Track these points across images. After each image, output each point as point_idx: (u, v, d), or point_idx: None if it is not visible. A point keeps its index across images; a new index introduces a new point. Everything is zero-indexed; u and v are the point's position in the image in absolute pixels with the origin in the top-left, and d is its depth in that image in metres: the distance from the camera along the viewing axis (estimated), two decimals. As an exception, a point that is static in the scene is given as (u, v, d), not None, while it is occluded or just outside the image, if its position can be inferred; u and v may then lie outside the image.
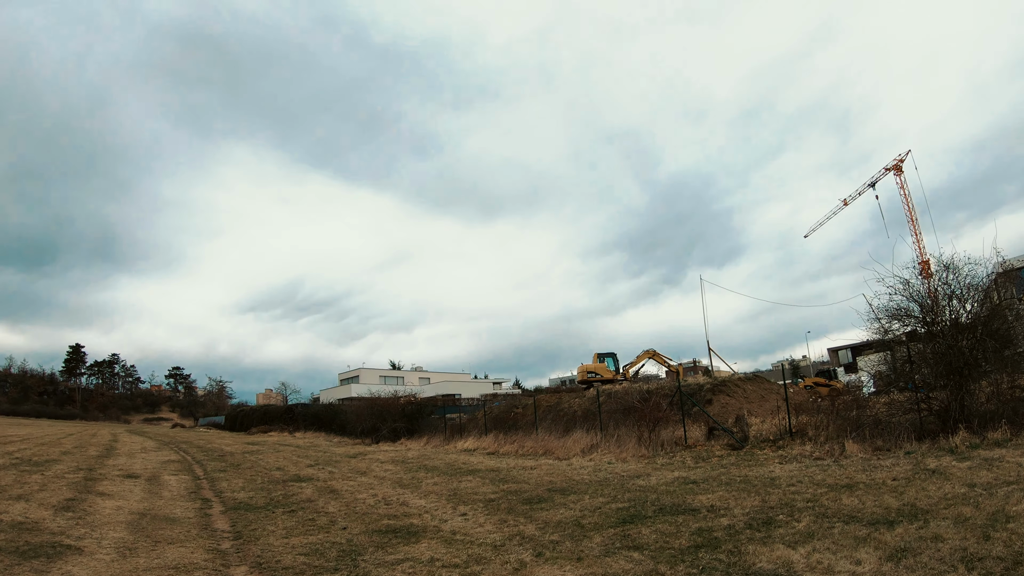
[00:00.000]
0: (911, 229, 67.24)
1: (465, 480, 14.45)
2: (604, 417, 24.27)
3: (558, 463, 17.77)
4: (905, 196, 66.94)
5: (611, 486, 12.62)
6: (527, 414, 31.38)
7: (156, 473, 16.90)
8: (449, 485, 13.72)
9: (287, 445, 30.56)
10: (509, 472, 15.77)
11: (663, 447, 19.03)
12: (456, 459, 20.04)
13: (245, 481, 15.33)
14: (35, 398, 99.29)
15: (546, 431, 23.20)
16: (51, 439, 30.90)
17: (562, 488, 12.66)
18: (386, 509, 10.94)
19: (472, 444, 24.27)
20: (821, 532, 7.25)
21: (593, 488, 12.44)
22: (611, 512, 9.85)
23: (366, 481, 14.87)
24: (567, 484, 13.17)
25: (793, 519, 8.15)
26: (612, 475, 14.28)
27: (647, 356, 38.21)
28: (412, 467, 17.79)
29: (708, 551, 6.92)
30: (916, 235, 66.89)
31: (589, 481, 13.56)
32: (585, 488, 12.50)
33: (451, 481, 14.37)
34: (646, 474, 14.15)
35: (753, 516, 8.55)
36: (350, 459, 21.37)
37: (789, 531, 7.50)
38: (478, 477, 14.90)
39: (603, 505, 10.52)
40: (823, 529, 7.39)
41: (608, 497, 11.26)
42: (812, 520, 7.93)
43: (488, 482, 13.98)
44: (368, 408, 31.42)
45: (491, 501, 11.48)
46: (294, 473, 16.91)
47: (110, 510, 10.77)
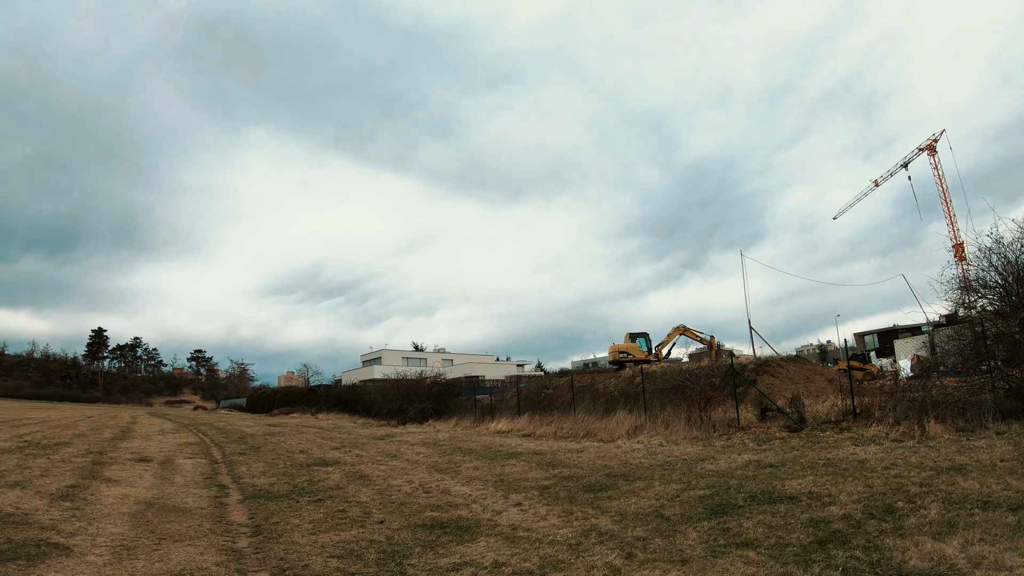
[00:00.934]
0: (945, 210, 64.60)
1: (509, 464, 12.99)
2: (646, 398, 22.75)
3: (604, 445, 16.31)
4: (939, 177, 64.25)
5: (677, 470, 11.15)
6: (560, 395, 29.98)
7: (171, 456, 15.63)
8: (492, 470, 12.26)
9: (310, 427, 29.37)
10: (555, 455, 14.29)
11: (715, 428, 17.63)
12: (491, 441, 18.62)
13: (266, 465, 14.00)
14: (58, 382, 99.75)
15: (584, 412, 21.74)
16: (68, 421, 29.98)
17: (622, 473, 11.17)
18: (426, 498, 9.49)
19: (505, 426, 22.87)
20: (963, 521, 6.19)
21: (658, 473, 10.95)
22: (693, 501, 8.40)
23: (398, 465, 13.46)
24: (626, 469, 11.67)
25: (918, 506, 6.97)
26: (672, 458, 12.77)
27: (678, 333, 36.53)
28: (446, 450, 16.37)
29: (837, 547, 5.78)
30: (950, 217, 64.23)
31: (649, 465, 12.06)
32: (648, 473, 11.00)
33: (493, 465, 12.92)
34: (710, 457, 12.65)
35: (867, 504, 7.35)
36: (378, 441, 20.02)
37: (922, 520, 6.40)
38: (522, 461, 13.43)
39: (680, 493, 9.04)
40: (962, 517, 6.33)
41: (681, 483, 9.79)
42: (942, 507, 6.84)
43: (535, 466, 12.51)
44: (394, 389, 30.10)
45: (546, 488, 10.01)
46: (319, 456, 15.56)
47: (113, 499, 9.43)
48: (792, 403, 19.36)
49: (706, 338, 36.60)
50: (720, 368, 22.33)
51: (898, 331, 60.01)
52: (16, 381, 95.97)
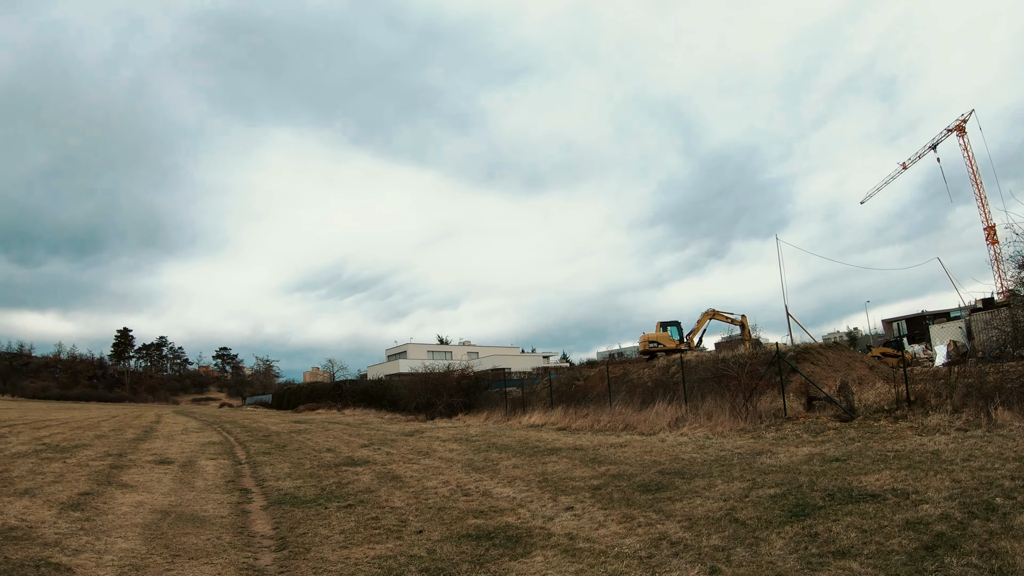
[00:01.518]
0: (975, 192, 62.36)
1: (550, 461, 12.08)
2: (686, 388, 21.71)
3: (647, 439, 15.37)
4: (968, 158, 62.00)
5: (736, 466, 10.21)
6: (592, 386, 29.04)
7: (192, 458, 14.94)
8: (533, 468, 11.35)
9: (336, 423, 28.71)
10: (597, 451, 13.36)
11: (761, 419, 16.73)
12: (526, 436, 17.73)
13: (291, 466, 13.23)
14: (85, 382, 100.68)
15: (621, 404, 20.77)
16: (91, 422, 29.62)
17: (676, 470, 10.22)
18: (467, 502, 8.61)
19: (539, 419, 21.97)
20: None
21: (716, 470, 10.00)
22: (766, 501, 7.49)
23: (432, 464, 12.61)
24: (679, 465, 10.72)
25: (1020, 503, 6.25)
26: (726, 452, 11.80)
27: (708, 318, 35.26)
28: (480, 446, 15.51)
29: (948, 553, 5.05)
30: (981, 199, 62.04)
31: (703, 461, 11.11)
32: (705, 470, 10.06)
33: (534, 463, 12.02)
34: (766, 451, 11.68)
35: (962, 501, 6.57)
36: (407, 438, 19.23)
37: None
38: (563, 457, 12.52)
39: (748, 492, 8.11)
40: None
41: (746, 481, 8.85)
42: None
43: (579, 464, 11.58)
44: (422, 383, 29.26)
45: (597, 489, 9.09)
46: (347, 455, 14.78)
47: (127, 508, 8.68)
48: (840, 391, 18.44)
49: (737, 318, 35.27)
50: (762, 355, 21.24)
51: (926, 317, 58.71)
52: (44, 383, 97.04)
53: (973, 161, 61.75)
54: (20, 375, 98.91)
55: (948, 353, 38.90)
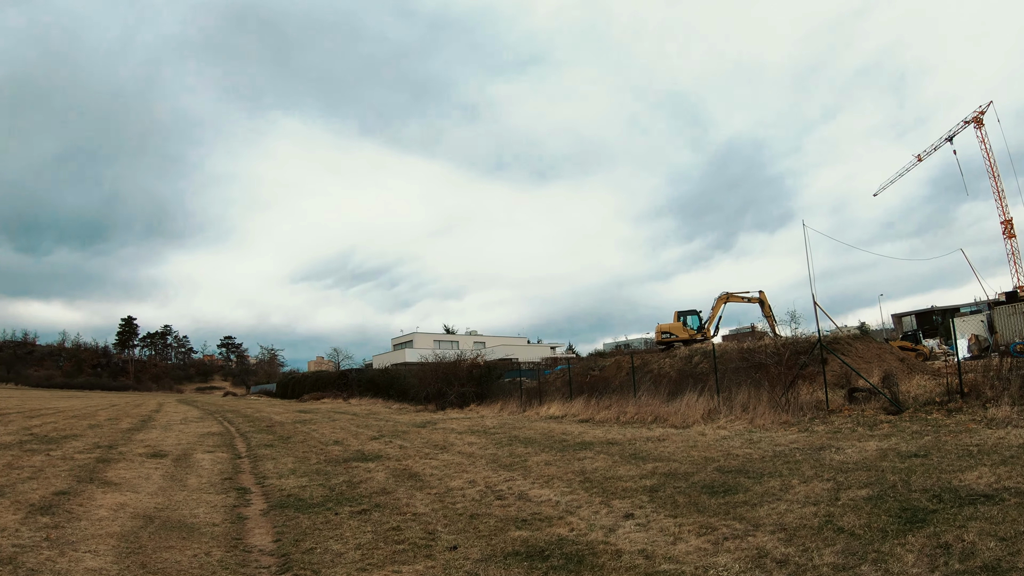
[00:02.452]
0: (993, 186, 60.39)
1: (586, 458, 10.78)
2: (718, 378, 20.38)
3: (683, 432, 14.12)
4: (986, 151, 59.98)
5: (803, 463, 8.99)
6: (609, 377, 27.77)
7: (188, 450, 13.71)
8: (569, 466, 10.06)
9: (343, 413, 27.48)
10: (634, 445, 12.07)
11: (803, 412, 15.42)
12: (549, 428, 16.46)
13: (296, 460, 11.98)
14: (89, 371, 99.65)
15: (647, 395, 19.50)
16: (89, 410, 28.48)
17: (736, 468, 8.95)
18: (502, 508, 7.32)
19: (558, 410, 20.71)
20: None
21: (783, 468, 8.76)
22: (863, 505, 6.36)
23: (452, 460, 11.33)
24: (736, 463, 9.44)
25: None
26: (783, 448, 10.52)
27: (723, 302, 33.64)
28: (501, 440, 14.23)
29: None
30: (998, 192, 60.16)
31: (760, 457, 9.84)
32: (769, 468, 8.80)
33: (567, 459, 10.72)
34: (827, 446, 10.44)
35: None
36: (419, 429, 17.98)
37: None
38: (599, 453, 11.22)
39: (835, 493, 6.92)
40: None
41: (825, 480, 7.64)
42: None
43: (619, 460, 10.29)
44: (432, 372, 27.96)
45: (653, 491, 7.81)
46: (356, 449, 13.52)
47: (106, 512, 7.43)
48: (884, 383, 17.28)
49: (754, 295, 33.47)
50: (802, 343, 19.88)
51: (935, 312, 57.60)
52: (48, 371, 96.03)
53: (991, 153, 59.84)
54: (24, 364, 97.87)
55: (969, 347, 37.67)
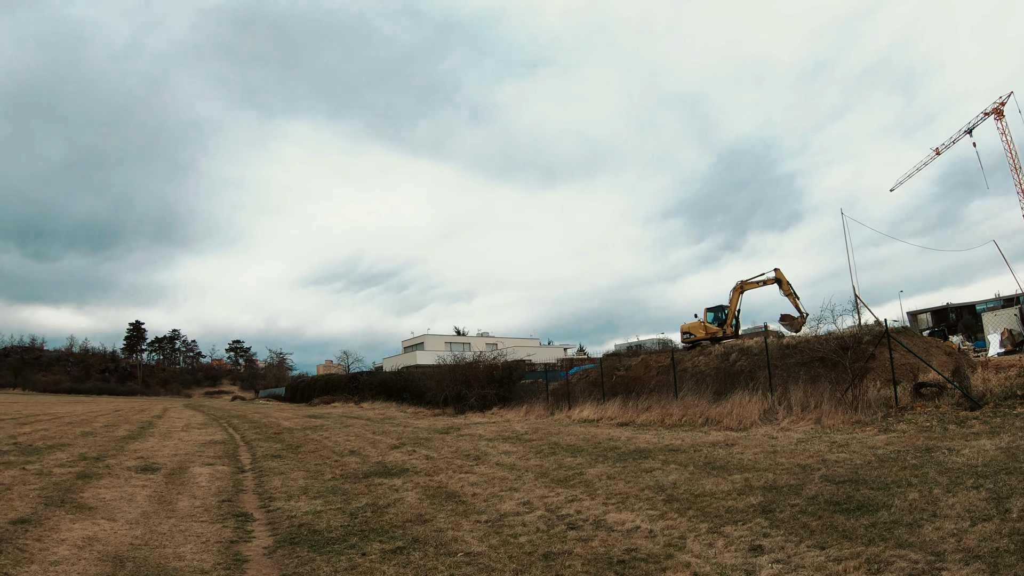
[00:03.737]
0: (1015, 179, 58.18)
1: (653, 469, 9.01)
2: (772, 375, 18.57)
3: (746, 435, 12.45)
4: (1008, 143, 57.73)
5: (923, 469, 7.57)
6: (637, 376, 26.08)
7: (185, 462, 12.02)
8: (638, 480, 8.30)
9: (355, 417, 25.75)
10: (701, 452, 10.29)
11: (871, 409, 14.03)
12: (590, 433, 14.70)
13: (308, 476, 10.26)
14: (96, 376, 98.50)
15: (690, 395, 17.77)
16: (88, 416, 26.87)
17: (846, 477, 7.30)
18: (581, 541, 5.57)
19: (591, 413, 18.97)
20: None
21: (904, 475, 7.25)
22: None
23: (492, 474, 9.58)
24: (842, 471, 7.75)
25: None
26: (883, 451, 8.90)
27: (739, 293, 31.35)
28: (540, 448, 12.46)
29: None
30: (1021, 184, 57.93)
31: (865, 463, 8.22)
32: (889, 476, 7.23)
33: (631, 471, 8.95)
34: (934, 447, 8.98)
35: None
36: (443, 436, 16.24)
37: None
38: (668, 463, 9.43)
39: (998, 503, 5.81)
40: None
41: (972, 489, 6.33)
42: None
43: (698, 472, 8.53)
44: (450, 374, 26.19)
45: (766, 511, 6.10)
46: (376, 460, 11.78)
47: (68, 549, 5.76)
48: (955, 376, 15.76)
49: (770, 275, 30.95)
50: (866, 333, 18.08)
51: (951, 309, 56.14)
52: (55, 376, 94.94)
53: (1012, 145, 57.60)
54: (32, 369, 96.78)
55: (1002, 341, 35.84)
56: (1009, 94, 57.97)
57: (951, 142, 62.97)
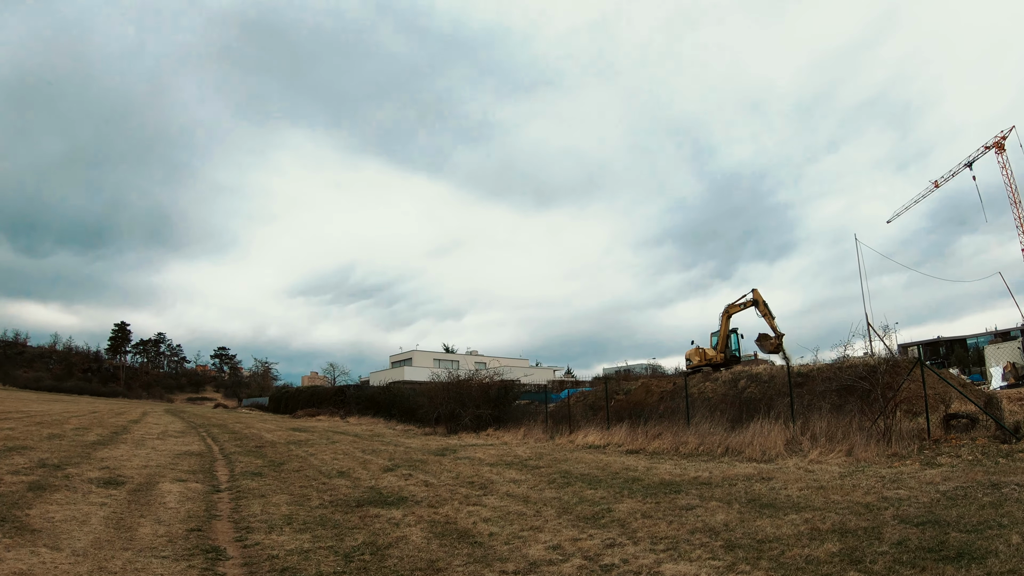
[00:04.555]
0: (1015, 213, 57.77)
1: (692, 507, 7.80)
2: (756, 404, 17.63)
3: (777, 468, 11.43)
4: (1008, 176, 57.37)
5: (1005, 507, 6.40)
6: (637, 401, 25.00)
7: (155, 476, 10.75)
8: (679, 519, 7.11)
9: (342, 433, 24.36)
10: (736, 487, 9.08)
11: (905, 441, 13.08)
12: (602, 461, 13.50)
13: (292, 501, 9.01)
14: (79, 375, 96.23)
15: (705, 423, 16.62)
16: (63, 416, 25.37)
17: (923, 519, 6.25)
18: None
19: (596, 439, 17.75)
20: None
21: (985, 514, 6.14)
22: None
23: (505, 507, 8.36)
24: (913, 511, 6.69)
25: None
26: (946, 487, 7.92)
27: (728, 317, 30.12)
28: (551, 476, 11.23)
29: None
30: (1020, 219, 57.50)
31: (931, 501, 7.23)
32: (971, 516, 6.13)
33: (666, 508, 7.75)
34: (998, 482, 8.27)
35: None
36: (438, 458, 14.97)
37: None
38: (705, 499, 8.22)
39: None
40: None
41: None
42: None
43: (744, 510, 7.35)
44: (442, 391, 24.89)
45: (854, 560, 5.06)
46: (369, 485, 10.53)
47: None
48: (989, 405, 15.08)
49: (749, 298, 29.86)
50: (900, 363, 17.04)
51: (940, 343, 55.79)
52: (37, 373, 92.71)
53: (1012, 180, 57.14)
54: (13, 364, 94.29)
55: (1005, 374, 35.09)
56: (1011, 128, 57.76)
57: (950, 175, 62.60)
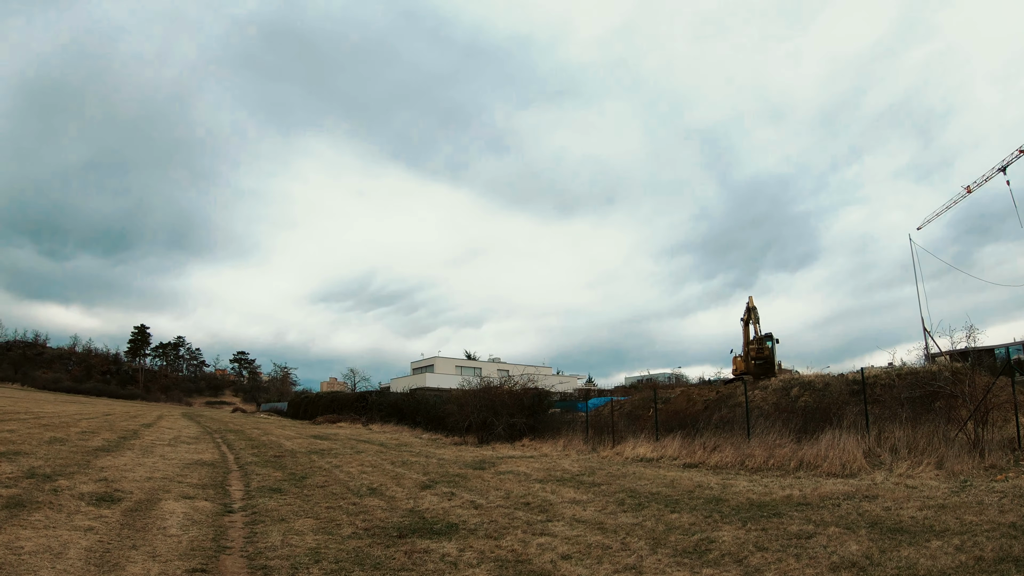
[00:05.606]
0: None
1: (811, 533, 6.15)
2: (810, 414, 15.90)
3: (868, 483, 9.81)
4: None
5: None
6: (681, 410, 23.32)
7: (158, 491, 9.29)
8: (808, 554, 5.45)
9: (366, 442, 22.85)
10: (842, 508, 7.39)
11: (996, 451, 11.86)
12: (666, 477, 11.86)
13: (319, 527, 7.48)
14: (98, 377, 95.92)
15: (772, 434, 14.96)
16: (72, 419, 24.13)
17: None
18: None
19: (647, 451, 16.11)
20: None
21: None
22: None
23: (578, 537, 6.76)
24: None
25: None
26: None
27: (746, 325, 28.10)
28: (620, 498, 9.58)
29: None
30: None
31: None
32: None
33: (773, 535, 6.10)
34: None
35: None
36: (478, 472, 13.40)
37: None
38: (816, 524, 6.56)
39: None
40: None
41: None
42: None
43: (875, 536, 5.78)
44: (474, 399, 23.27)
45: None
46: (407, 506, 8.98)
47: None
48: None
49: None
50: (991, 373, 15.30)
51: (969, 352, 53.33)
52: (56, 374, 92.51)
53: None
54: (33, 365, 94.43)
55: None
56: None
57: (983, 180, 60.17)
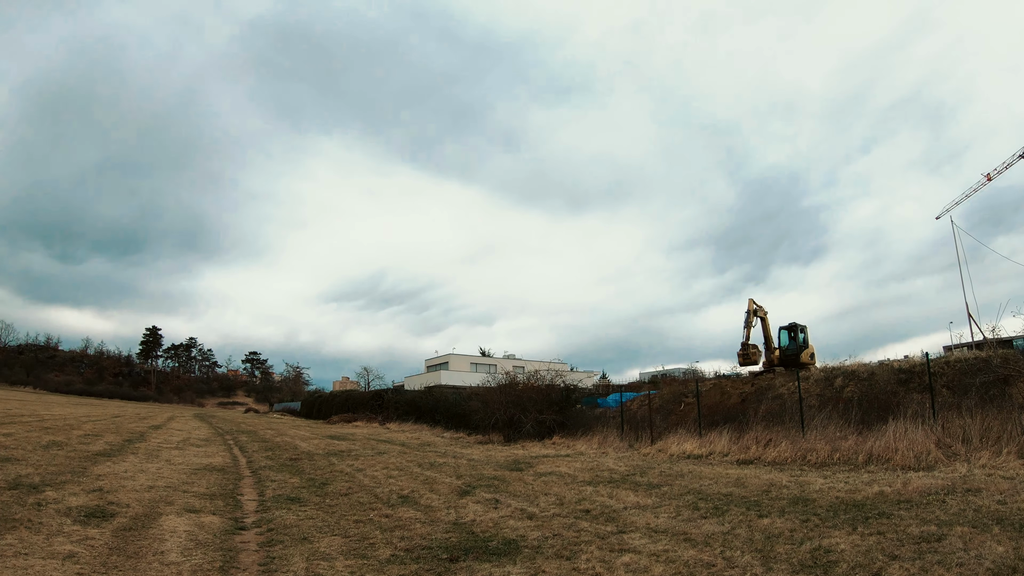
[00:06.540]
0: None
1: (937, 535, 4.87)
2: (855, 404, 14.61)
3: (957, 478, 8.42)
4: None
5: None
6: (716, 403, 22.13)
7: (159, 503, 8.09)
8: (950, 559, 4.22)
9: (386, 442, 21.63)
10: (931, 510, 6.08)
11: None
12: (730, 476, 10.56)
13: (350, 550, 6.24)
14: (110, 379, 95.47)
15: (831, 427, 13.71)
16: (78, 421, 23.07)
17: None
18: None
19: (693, 447, 14.83)
20: None
21: None
22: None
23: (669, 554, 5.48)
24: None
25: None
26: None
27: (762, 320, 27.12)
28: (690, 501, 8.31)
29: None
30: None
31: None
32: None
33: (897, 539, 4.85)
34: None
35: None
36: (517, 474, 12.16)
37: None
38: (939, 524, 5.29)
39: None
40: None
41: None
42: None
43: (1016, 536, 4.44)
44: (499, 395, 22.14)
45: None
46: (448, 518, 7.73)
47: None
48: None
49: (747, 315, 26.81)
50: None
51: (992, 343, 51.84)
52: (68, 376, 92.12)
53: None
54: (45, 368, 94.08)
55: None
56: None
57: (1004, 167, 58.61)
